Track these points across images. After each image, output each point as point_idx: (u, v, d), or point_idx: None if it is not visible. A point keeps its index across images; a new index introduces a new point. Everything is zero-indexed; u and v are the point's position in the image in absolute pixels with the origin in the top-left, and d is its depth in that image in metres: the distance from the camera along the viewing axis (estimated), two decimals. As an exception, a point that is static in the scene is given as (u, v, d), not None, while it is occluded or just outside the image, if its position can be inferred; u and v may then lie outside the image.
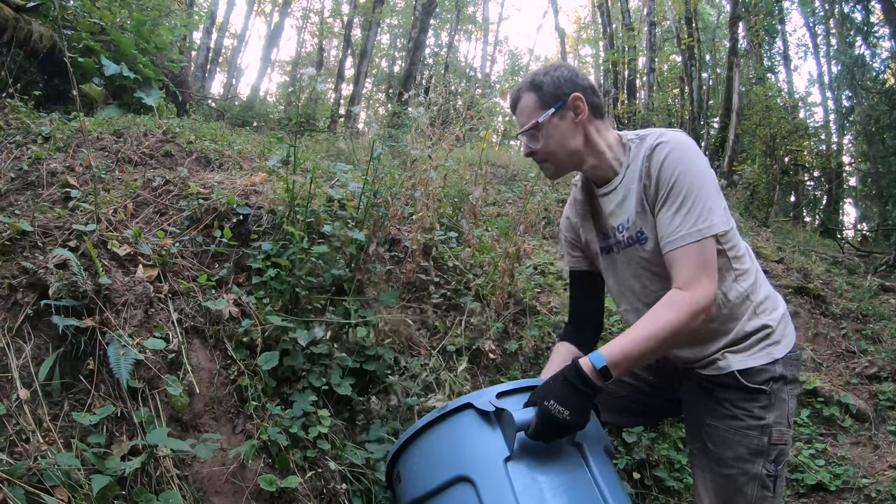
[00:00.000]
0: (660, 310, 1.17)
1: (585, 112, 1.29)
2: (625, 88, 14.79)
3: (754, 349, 1.29)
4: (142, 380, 1.58)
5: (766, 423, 1.26)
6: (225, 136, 3.63)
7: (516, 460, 1.11)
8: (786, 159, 10.64)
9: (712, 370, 1.31)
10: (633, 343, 1.14)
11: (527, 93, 1.32)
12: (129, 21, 4.69)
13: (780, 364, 1.29)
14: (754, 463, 1.26)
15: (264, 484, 1.52)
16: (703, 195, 1.18)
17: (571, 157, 1.32)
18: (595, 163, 1.32)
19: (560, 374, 1.16)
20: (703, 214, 1.17)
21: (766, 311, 1.32)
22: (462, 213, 3.05)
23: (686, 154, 1.21)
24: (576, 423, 1.10)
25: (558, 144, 1.30)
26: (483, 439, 1.14)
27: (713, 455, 1.30)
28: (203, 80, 11.04)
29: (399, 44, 20.50)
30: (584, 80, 1.32)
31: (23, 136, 2.64)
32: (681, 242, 1.18)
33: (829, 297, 4.22)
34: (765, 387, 1.27)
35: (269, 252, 2.12)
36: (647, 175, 1.24)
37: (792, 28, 15.24)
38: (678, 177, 1.19)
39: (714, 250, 1.20)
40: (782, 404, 1.28)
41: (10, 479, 1.21)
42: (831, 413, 2.89)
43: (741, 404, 1.28)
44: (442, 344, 2.31)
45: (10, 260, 1.72)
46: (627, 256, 1.34)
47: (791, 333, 1.36)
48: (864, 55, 9.54)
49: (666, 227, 1.20)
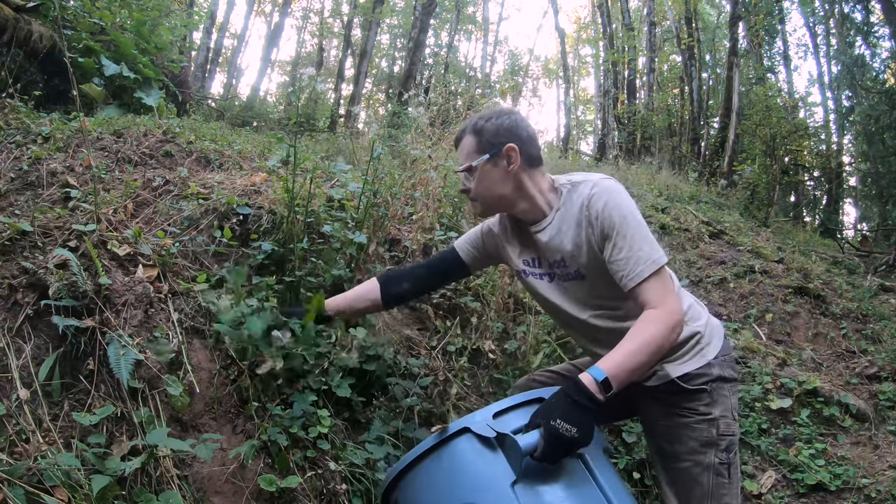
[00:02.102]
0: (642, 326, 1.25)
1: (517, 163, 1.37)
2: (625, 88, 14.80)
3: (688, 356, 1.40)
4: (142, 380, 1.58)
5: (713, 417, 1.37)
6: (225, 136, 3.64)
7: (522, 482, 1.10)
8: (786, 159, 10.63)
9: (654, 381, 1.41)
10: (626, 356, 1.21)
11: (468, 135, 1.42)
12: (129, 21, 4.69)
13: (715, 366, 1.40)
14: (706, 454, 1.35)
15: (264, 484, 1.52)
16: (645, 234, 1.30)
17: (500, 201, 1.43)
18: (526, 207, 1.42)
19: (561, 392, 1.18)
20: (652, 249, 1.29)
21: (692, 319, 1.43)
22: (462, 213, 3.05)
23: (620, 199, 1.32)
24: (583, 440, 1.12)
25: (486, 189, 1.41)
26: (486, 465, 1.12)
27: (668, 452, 1.41)
28: (203, 80, 11.04)
29: (399, 44, 20.49)
30: (524, 132, 1.40)
31: (23, 136, 2.64)
32: (642, 276, 1.27)
33: (829, 297, 4.22)
34: (705, 387, 1.38)
35: (269, 252, 2.12)
36: (588, 224, 1.34)
37: (792, 28, 15.25)
38: (620, 222, 1.29)
39: (668, 275, 1.33)
40: (725, 400, 1.40)
41: (10, 479, 1.21)
42: (831, 413, 2.89)
43: (686, 405, 1.39)
44: (442, 344, 2.31)
45: (10, 260, 1.72)
46: (561, 287, 1.46)
47: (720, 336, 1.47)
48: (864, 55, 9.54)
49: (623, 266, 1.29)
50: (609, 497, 1.13)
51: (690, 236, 5.20)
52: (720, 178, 9.68)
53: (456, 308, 2.50)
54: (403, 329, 2.34)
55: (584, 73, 25.70)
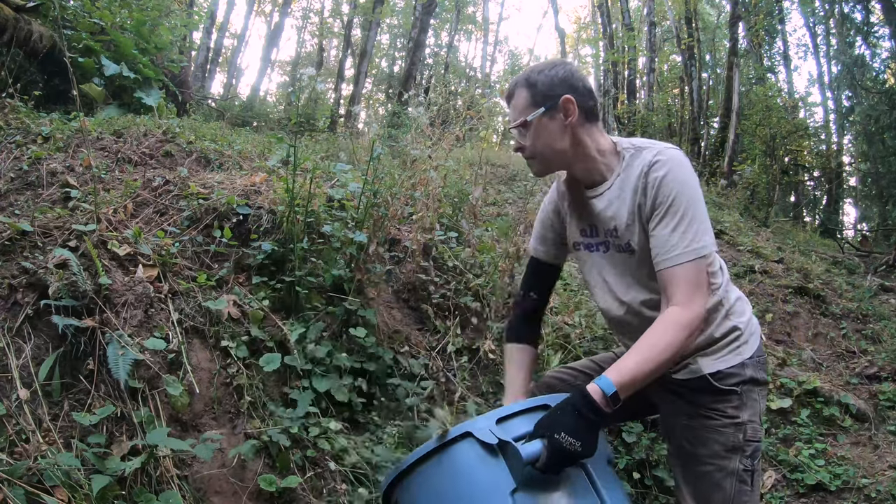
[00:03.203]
0: (659, 332, 1.19)
1: (575, 115, 1.29)
2: (625, 88, 14.80)
3: (724, 351, 1.33)
4: (142, 380, 1.58)
5: (741, 421, 1.30)
6: (225, 136, 3.64)
7: (522, 491, 1.08)
8: (786, 159, 10.63)
9: (684, 374, 1.34)
10: (638, 366, 1.16)
11: (521, 88, 1.32)
12: (129, 21, 4.69)
13: (749, 367, 1.33)
14: (730, 459, 1.29)
15: (264, 484, 1.52)
16: (698, 216, 1.22)
17: (558, 158, 1.33)
18: (583, 166, 1.34)
19: (567, 403, 1.15)
20: (699, 234, 1.21)
21: (736, 313, 1.36)
22: (462, 213, 3.05)
23: (683, 174, 1.24)
24: (587, 454, 1.10)
25: (545, 144, 1.31)
26: (487, 471, 1.11)
27: (690, 454, 1.34)
28: (203, 80, 11.03)
29: (399, 44, 20.49)
30: (580, 83, 1.31)
31: (23, 136, 2.64)
32: (677, 261, 1.20)
33: (829, 297, 4.22)
34: (736, 388, 1.31)
35: (268, 252, 2.12)
36: (643, 192, 1.26)
37: (792, 28, 15.24)
38: (676, 196, 1.22)
39: (706, 270, 1.23)
40: (754, 404, 1.32)
41: (10, 479, 1.21)
42: (831, 413, 2.89)
43: (714, 405, 1.31)
44: (442, 344, 2.31)
45: (10, 260, 1.72)
46: (613, 260, 1.37)
47: (757, 334, 1.40)
48: (864, 55, 9.53)
49: (662, 244, 1.22)
50: None
51: (690, 236, 5.19)
52: (720, 178, 9.69)
53: (456, 308, 2.50)
54: (404, 329, 2.33)
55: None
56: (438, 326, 2.40)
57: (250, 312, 1.94)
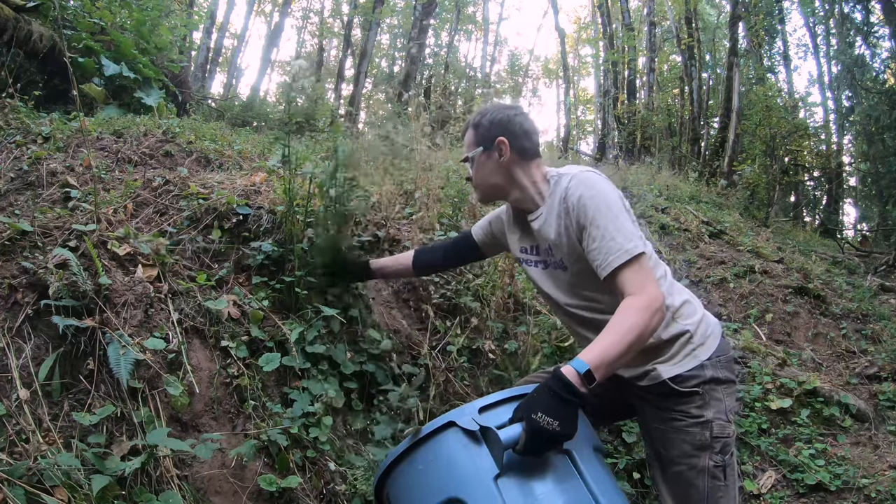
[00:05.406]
0: (622, 316, 1.25)
1: (507, 155, 1.46)
2: (625, 88, 14.79)
3: (679, 356, 1.41)
4: (142, 380, 1.58)
5: (706, 419, 1.37)
6: (225, 136, 3.63)
7: (506, 476, 1.09)
8: (786, 159, 10.62)
9: (647, 381, 1.43)
10: (607, 346, 1.21)
11: (470, 128, 1.54)
12: (129, 21, 4.69)
13: (708, 368, 1.40)
14: (699, 457, 1.36)
15: (264, 484, 1.52)
16: (620, 225, 1.32)
17: (493, 190, 1.54)
18: (518, 196, 1.52)
19: (543, 385, 1.18)
20: (627, 238, 1.31)
21: (683, 315, 1.44)
22: (462, 213, 3.05)
23: (595, 191, 1.36)
24: (565, 434, 1.11)
25: (482, 178, 1.53)
26: (470, 458, 1.13)
27: (663, 457, 1.43)
28: (203, 80, 11.02)
29: (399, 44, 20.48)
30: (518, 127, 1.48)
31: (23, 136, 2.64)
32: (616, 263, 1.29)
33: (829, 297, 4.22)
34: (697, 389, 1.39)
35: (268, 252, 2.12)
36: (566, 214, 1.39)
37: (792, 28, 15.24)
38: (594, 213, 1.33)
39: (647, 264, 1.33)
40: (718, 403, 1.40)
41: (10, 479, 1.21)
42: (831, 413, 2.89)
43: (678, 407, 1.40)
44: (442, 344, 2.31)
45: (10, 260, 1.72)
46: (551, 275, 1.53)
47: (716, 335, 1.47)
48: (864, 55, 9.53)
49: (598, 256, 1.32)
50: (594, 492, 1.13)
51: (690, 236, 5.20)
52: (720, 178, 9.68)
53: (456, 308, 2.50)
54: (404, 329, 2.34)
55: (584, 73, 25.69)
56: (438, 326, 2.40)
57: (250, 312, 1.94)
